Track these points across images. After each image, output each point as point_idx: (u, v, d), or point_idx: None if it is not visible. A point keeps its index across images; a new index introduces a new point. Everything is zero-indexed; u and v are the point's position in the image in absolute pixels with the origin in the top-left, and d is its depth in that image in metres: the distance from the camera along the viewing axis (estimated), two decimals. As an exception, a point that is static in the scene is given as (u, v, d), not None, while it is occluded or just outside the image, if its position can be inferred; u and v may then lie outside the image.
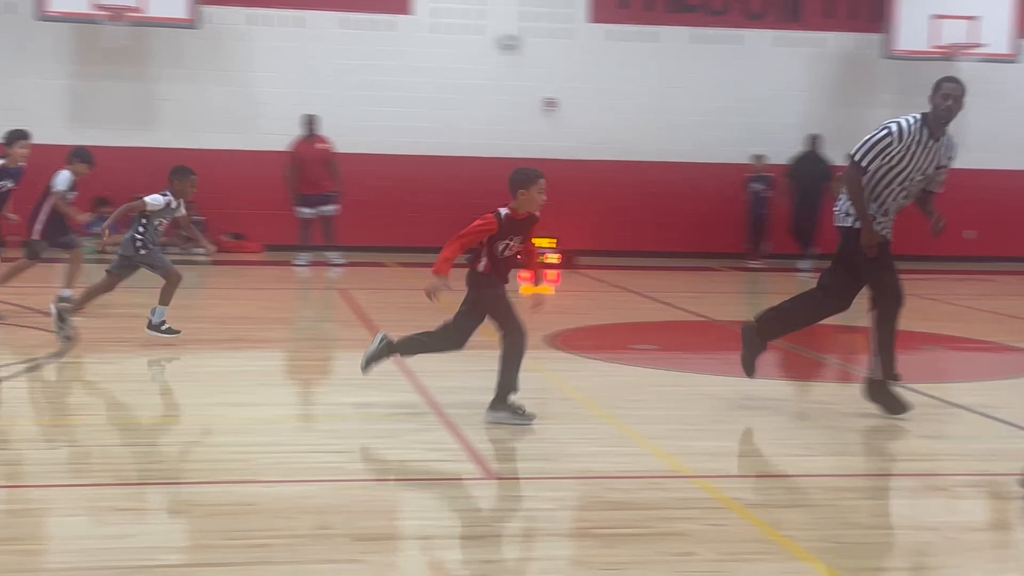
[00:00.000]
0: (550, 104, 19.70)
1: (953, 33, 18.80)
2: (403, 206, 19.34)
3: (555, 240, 18.89)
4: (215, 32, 18.69)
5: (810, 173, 18.99)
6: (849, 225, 7.47)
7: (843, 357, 11.24)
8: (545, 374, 9.07)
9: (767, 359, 8.76)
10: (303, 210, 17.41)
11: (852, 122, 19.98)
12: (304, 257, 17.19)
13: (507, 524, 5.16)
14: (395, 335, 7.46)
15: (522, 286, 9.92)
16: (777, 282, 17.73)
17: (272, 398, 8.19)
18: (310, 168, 17.39)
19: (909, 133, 7.29)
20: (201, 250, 17.14)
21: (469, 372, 9.07)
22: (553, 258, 18.73)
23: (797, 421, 7.74)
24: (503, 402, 7.12)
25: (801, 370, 10.27)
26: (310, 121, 17.72)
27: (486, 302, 7.14)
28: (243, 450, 6.54)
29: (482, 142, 19.43)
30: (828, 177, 18.97)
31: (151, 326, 9.76)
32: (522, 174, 7.10)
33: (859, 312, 13.99)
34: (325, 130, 17.79)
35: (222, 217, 18.49)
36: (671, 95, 19.88)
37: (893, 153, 7.28)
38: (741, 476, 6.14)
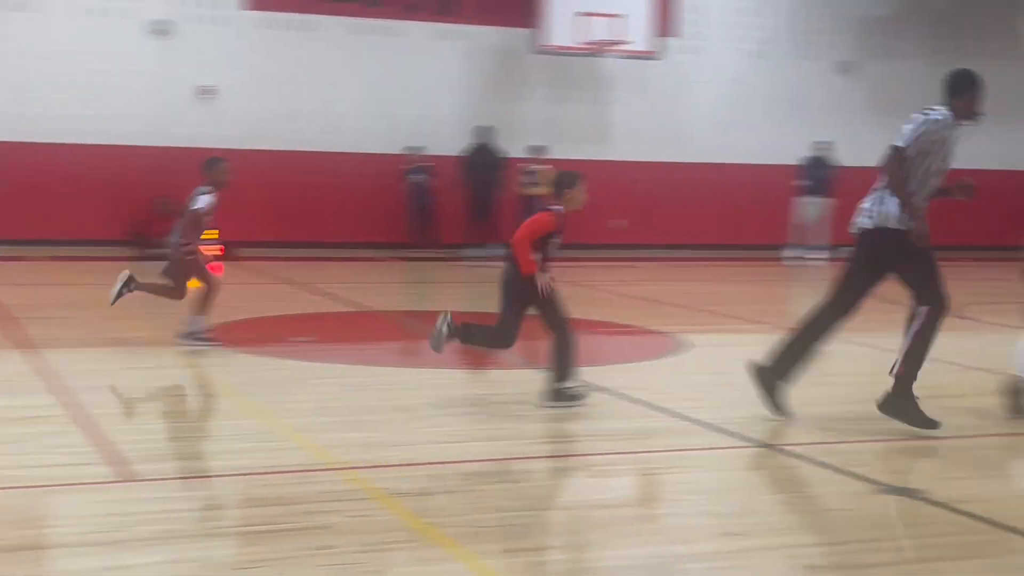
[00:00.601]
0: (206, 92, 19.25)
1: (599, 30, 19.65)
2: (50, 196, 18.43)
3: (216, 232, 18.49)
4: None
5: (484, 164, 19.46)
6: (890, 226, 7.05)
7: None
8: (195, 370, 8.87)
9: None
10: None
11: (508, 115, 20.61)
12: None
13: (143, 528, 5.01)
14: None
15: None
16: (443, 271, 18.07)
17: None
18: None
19: (945, 122, 7.06)
20: None
21: (117, 371, 8.77)
22: (214, 250, 18.35)
23: (447, 409, 7.89)
24: (560, 393, 7.52)
25: (455, 358, 10.48)
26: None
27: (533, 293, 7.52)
28: None
29: (135, 130, 18.82)
30: (502, 167, 19.51)
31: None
32: (568, 176, 7.69)
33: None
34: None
35: None
36: (330, 85, 19.85)
37: (934, 139, 7.02)
38: (388, 466, 6.20)
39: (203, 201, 9.53)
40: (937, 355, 9.83)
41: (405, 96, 20.17)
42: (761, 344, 8.49)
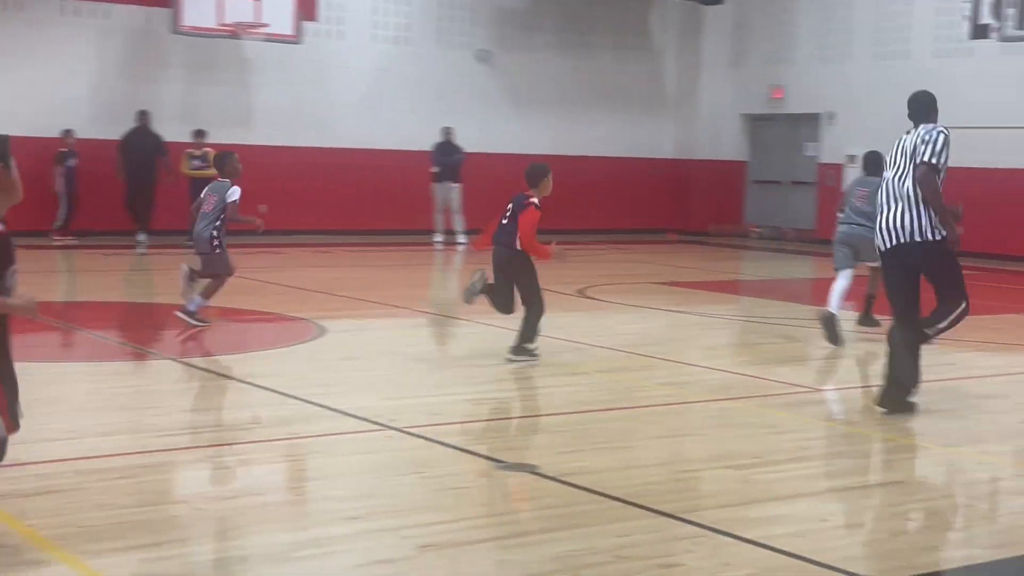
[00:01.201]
0: None
1: (239, 12, 19.25)
2: None
3: None
4: None
5: (142, 148, 18.63)
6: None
7: (139, 338, 11.17)
8: None
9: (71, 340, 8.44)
10: None
11: (150, 97, 19.81)
12: None
13: None
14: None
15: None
16: (89, 259, 17.22)
17: None
18: None
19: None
20: None
21: None
22: None
23: (65, 404, 7.54)
24: (523, 349, 8.91)
25: (100, 352, 10.06)
26: None
27: (528, 271, 8.92)
28: None
29: None
30: (161, 152, 18.75)
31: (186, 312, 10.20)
32: (540, 167, 9.03)
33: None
34: None
35: None
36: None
37: (948, 153, 7.53)
38: (-9, 467, 5.84)
39: (237, 193, 10.39)
40: (562, 334, 10.26)
41: (42, 77, 19.05)
42: (395, 328, 8.64)
